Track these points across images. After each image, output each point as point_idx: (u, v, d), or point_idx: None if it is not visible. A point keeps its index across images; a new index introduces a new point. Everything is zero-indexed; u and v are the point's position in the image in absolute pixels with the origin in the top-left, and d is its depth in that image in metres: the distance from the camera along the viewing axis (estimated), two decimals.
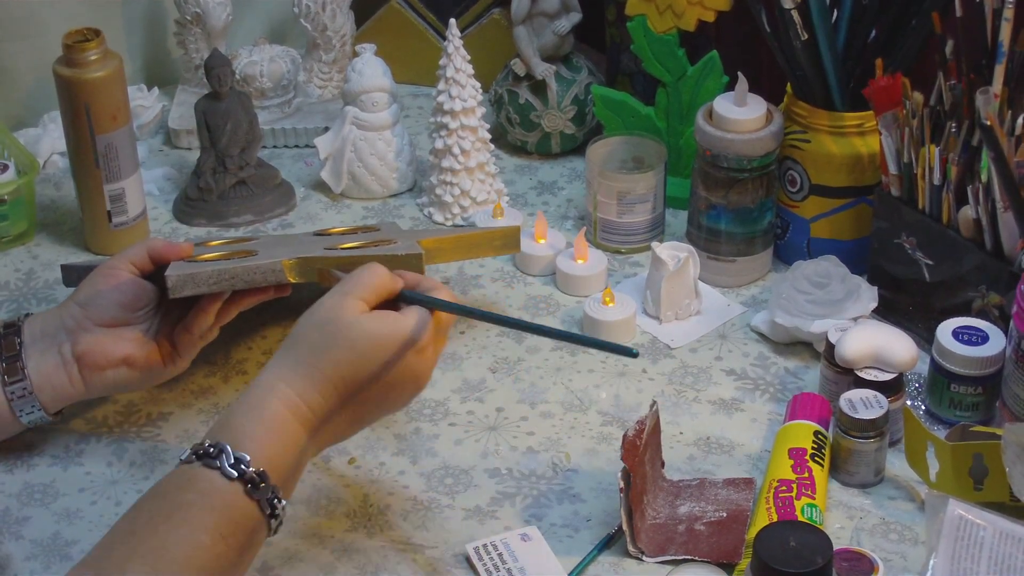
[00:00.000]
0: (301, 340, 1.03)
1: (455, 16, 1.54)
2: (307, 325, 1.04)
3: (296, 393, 1.01)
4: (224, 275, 1.17)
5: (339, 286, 1.05)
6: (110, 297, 1.18)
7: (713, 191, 1.35)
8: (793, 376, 1.28)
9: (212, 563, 0.94)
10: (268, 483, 0.98)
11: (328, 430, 1.04)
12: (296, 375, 1.02)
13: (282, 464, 0.99)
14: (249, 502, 0.97)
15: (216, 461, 0.97)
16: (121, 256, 1.21)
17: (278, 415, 1.00)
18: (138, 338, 1.18)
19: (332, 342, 1.02)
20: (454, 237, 1.29)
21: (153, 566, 0.92)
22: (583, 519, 1.14)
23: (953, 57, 1.21)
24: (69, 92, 1.36)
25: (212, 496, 0.96)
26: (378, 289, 1.05)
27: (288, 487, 1.01)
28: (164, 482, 0.98)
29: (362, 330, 1.02)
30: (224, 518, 0.96)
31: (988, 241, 1.21)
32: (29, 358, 1.16)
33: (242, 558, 0.97)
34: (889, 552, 1.10)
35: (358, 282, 1.05)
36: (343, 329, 1.02)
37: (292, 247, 1.25)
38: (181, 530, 0.94)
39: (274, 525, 0.99)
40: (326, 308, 1.04)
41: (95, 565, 0.93)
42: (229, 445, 0.98)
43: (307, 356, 1.02)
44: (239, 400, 1.02)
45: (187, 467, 0.98)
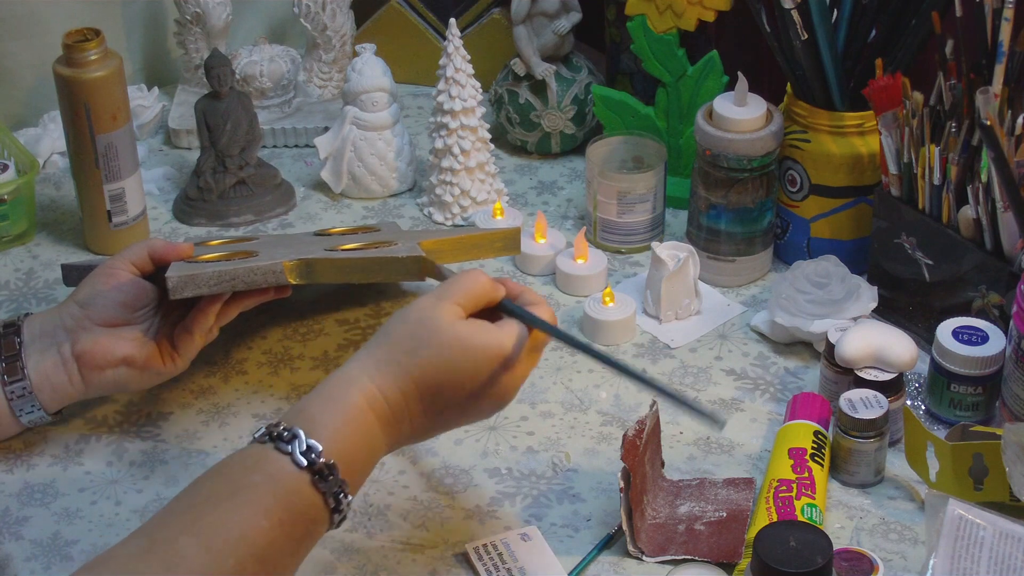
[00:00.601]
0: (391, 337, 1.01)
1: (455, 16, 1.54)
2: (400, 322, 1.01)
3: (378, 389, 0.99)
4: (224, 276, 1.17)
5: (437, 288, 1.03)
6: (110, 297, 1.18)
7: (713, 191, 1.35)
8: (793, 376, 1.28)
9: (266, 549, 0.92)
10: (336, 476, 0.96)
11: (405, 431, 1.02)
12: (380, 371, 1.00)
13: (353, 458, 0.97)
14: (315, 493, 0.95)
15: (288, 446, 0.95)
16: (121, 256, 1.20)
17: (356, 407, 0.98)
18: (138, 338, 1.18)
19: (422, 344, 1.00)
20: (454, 239, 1.29)
21: (207, 543, 0.90)
22: (583, 519, 1.14)
23: (953, 57, 1.21)
24: (69, 92, 1.36)
25: (278, 481, 0.94)
26: (477, 296, 1.03)
27: (356, 482, 0.98)
28: (232, 458, 0.96)
29: (456, 337, 1.00)
30: (286, 505, 0.94)
31: (988, 241, 1.21)
32: (29, 357, 1.16)
33: (298, 549, 0.95)
34: (889, 552, 1.10)
35: (458, 286, 1.02)
36: (437, 333, 1.00)
37: (292, 247, 1.25)
38: (241, 511, 0.92)
39: (337, 520, 0.97)
40: (420, 308, 1.01)
41: (150, 534, 0.92)
42: (303, 431, 0.95)
43: (395, 353, 1.00)
44: (319, 387, 1.00)
45: (258, 447, 0.96)
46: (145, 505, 1.16)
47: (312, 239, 1.31)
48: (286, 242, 1.31)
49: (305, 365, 1.30)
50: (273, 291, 1.24)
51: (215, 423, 1.24)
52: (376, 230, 1.34)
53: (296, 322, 1.35)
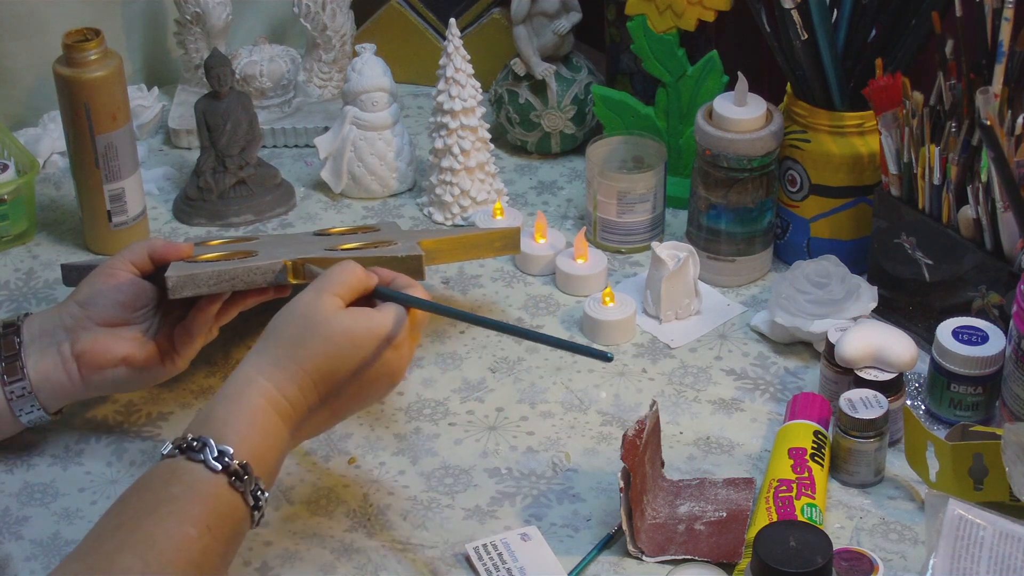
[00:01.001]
0: (279, 335, 1.05)
1: (455, 16, 1.54)
2: (284, 320, 1.05)
3: (275, 387, 1.02)
4: (224, 276, 1.17)
5: (315, 283, 1.06)
6: (110, 296, 1.18)
7: (713, 191, 1.35)
8: (793, 376, 1.28)
9: (199, 555, 0.95)
10: (251, 475, 0.99)
11: (307, 423, 1.05)
12: (274, 369, 1.03)
13: (264, 456, 1.01)
14: (233, 494, 0.98)
15: (200, 455, 0.98)
16: (121, 256, 1.21)
17: (258, 408, 1.01)
18: (137, 338, 1.18)
19: (310, 337, 1.03)
20: (454, 238, 1.29)
21: (143, 559, 0.92)
22: (583, 519, 1.14)
23: (953, 57, 1.21)
24: (69, 92, 1.36)
25: (197, 488, 0.97)
26: (353, 286, 1.07)
27: (270, 479, 1.02)
28: (148, 476, 0.99)
29: (339, 326, 1.04)
30: (210, 510, 0.97)
31: (988, 241, 1.21)
32: (28, 357, 1.16)
33: (227, 549, 0.98)
34: (889, 552, 1.10)
35: (333, 279, 1.06)
36: (320, 325, 1.03)
37: (292, 247, 1.25)
38: (168, 522, 0.95)
39: (257, 517, 1.00)
40: (302, 304, 1.05)
41: (84, 559, 0.94)
42: (212, 438, 0.99)
43: (285, 351, 1.04)
44: (218, 393, 1.03)
45: (170, 461, 0.99)
46: None
47: (312, 239, 1.31)
48: (286, 242, 1.31)
49: None
50: (273, 291, 1.24)
51: None
52: (376, 230, 1.34)
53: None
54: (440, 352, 1.31)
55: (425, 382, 1.28)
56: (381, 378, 1.06)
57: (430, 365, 1.29)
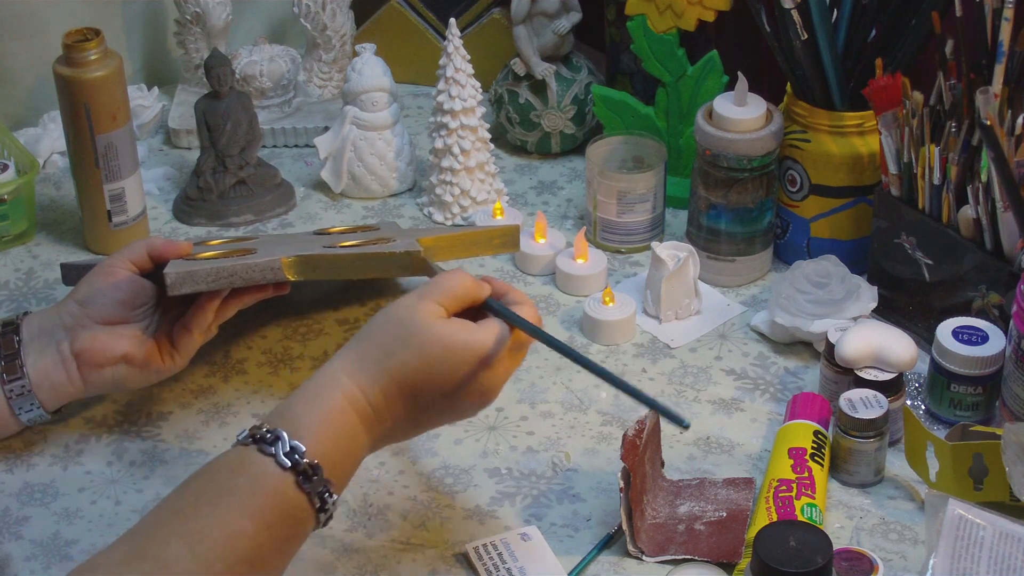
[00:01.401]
0: (372, 337, 1.01)
1: (455, 16, 1.54)
2: (380, 322, 1.02)
3: (359, 388, 1.00)
4: (222, 273, 1.17)
5: (420, 288, 1.03)
6: (109, 295, 1.18)
7: (713, 191, 1.35)
8: (793, 376, 1.28)
9: (253, 551, 0.93)
10: (321, 476, 0.96)
11: (387, 431, 1.02)
12: (361, 371, 1.00)
13: (337, 458, 0.98)
14: (299, 493, 0.95)
15: (271, 448, 0.95)
16: (120, 254, 1.20)
17: (338, 408, 0.99)
18: (137, 336, 1.18)
19: (403, 345, 1.00)
20: (453, 235, 1.29)
21: (194, 547, 0.91)
22: (583, 519, 1.14)
23: (953, 57, 1.21)
24: (69, 92, 1.36)
25: (262, 483, 0.94)
26: (459, 295, 1.03)
27: (341, 482, 0.99)
28: (216, 462, 0.97)
29: (435, 337, 1.00)
30: (271, 507, 0.94)
31: (988, 241, 1.21)
32: (28, 356, 1.16)
33: (284, 549, 0.96)
34: (889, 552, 1.10)
35: (440, 286, 1.03)
36: (416, 333, 1.00)
37: (291, 246, 1.25)
38: (227, 514, 0.92)
39: (323, 519, 0.97)
40: (402, 307, 1.01)
41: (136, 540, 0.92)
42: (286, 433, 0.96)
43: (375, 354, 1.00)
44: (301, 388, 1.00)
45: (242, 449, 0.96)
46: (145, 505, 1.16)
47: (311, 238, 1.31)
48: (285, 241, 1.31)
49: (305, 365, 1.30)
50: (272, 289, 1.24)
51: (215, 423, 1.24)
52: (375, 228, 1.34)
53: (296, 322, 1.35)
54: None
55: None
56: (472, 396, 1.02)
57: None
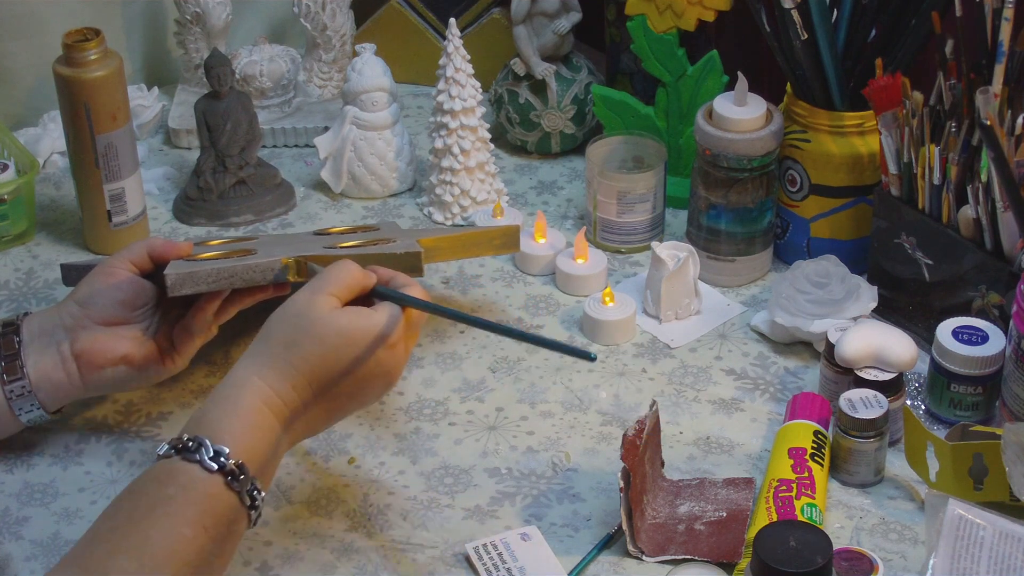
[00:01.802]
0: (273, 335, 1.05)
1: (455, 16, 1.54)
2: (279, 320, 1.05)
3: (269, 387, 1.02)
4: (223, 273, 1.17)
5: (311, 282, 1.06)
6: (109, 295, 1.18)
7: (713, 191, 1.35)
8: (793, 376, 1.28)
9: (195, 556, 0.95)
10: (247, 475, 0.99)
11: (302, 423, 1.05)
12: (269, 369, 1.03)
13: (259, 456, 1.00)
14: (230, 494, 0.98)
15: (196, 455, 0.98)
16: (120, 255, 1.21)
17: (253, 408, 1.01)
18: (137, 336, 1.18)
19: (304, 337, 1.03)
20: (453, 236, 1.29)
21: (138, 560, 0.92)
22: (583, 519, 1.14)
23: (953, 57, 1.21)
24: (69, 92, 1.36)
25: (193, 489, 0.97)
26: (349, 285, 1.06)
27: (265, 479, 1.01)
28: (142, 478, 0.99)
29: (333, 326, 1.03)
30: (206, 510, 0.96)
31: (988, 241, 1.21)
32: (28, 356, 1.16)
33: (223, 550, 0.98)
34: (889, 552, 1.10)
35: (329, 278, 1.06)
36: (315, 324, 1.03)
37: (291, 246, 1.25)
38: (163, 524, 0.94)
39: (254, 516, 1.00)
40: (298, 303, 1.05)
41: (79, 562, 0.94)
42: (208, 439, 0.98)
43: (279, 351, 1.03)
44: (213, 395, 1.03)
45: (166, 462, 0.99)
46: None
47: (311, 238, 1.31)
48: (285, 241, 1.31)
49: None
50: (272, 289, 1.24)
51: None
52: (376, 229, 1.34)
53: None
54: (440, 352, 1.31)
55: (425, 382, 1.28)
56: (376, 377, 1.05)
57: (430, 365, 1.30)
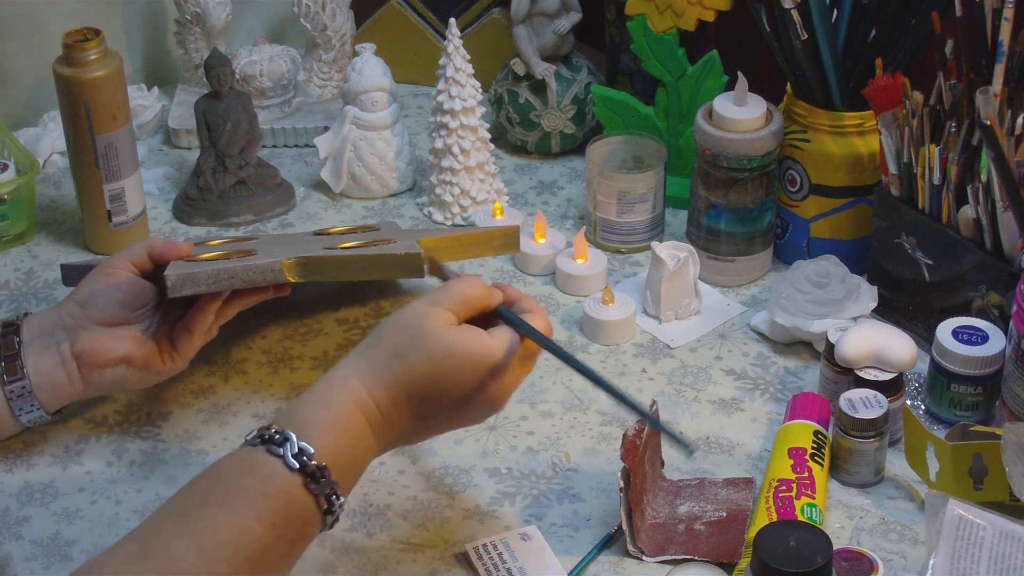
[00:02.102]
0: (382, 341, 1.01)
1: (455, 16, 1.54)
2: (391, 327, 1.01)
3: (368, 393, 0.99)
4: (223, 274, 1.17)
5: (431, 293, 1.03)
6: (109, 296, 1.18)
7: (713, 191, 1.35)
8: (793, 376, 1.28)
9: (259, 552, 0.93)
10: (328, 478, 0.96)
11: (394, 435, 1.02)
12: (371, 375, 1.00)
13: (345, 460, 0.98)
14: (306, 495, 0.95)
15: (280, 448, 0.95)
16: (120, 255, 1.21)
17: (347, 411, 0.98)
18: (137, 337, 1.18)
19: (412, 350, 1.00)
20: (453, 236, 1.29)
21: (199, 547, 0.91)
22: (583, 519, 1.14)
23: (953, 57, 1.21)
24: (69, 92, 1.36)
25: (270, 484, 0.94)
26: (471, 302, 1.03)
27: (348, 484, 0.98)
28: (223, 463, 0.97)
29: (446, 344, 1.00)
30: (279, 508, 0.94)
31: (988, 241, 1.21)
32: (28, 357, 1.16)
33: (291, 551, 0.96)
34: (889, 552, 1.10)
35: (451, 292, 1.02)
36: (426, 339, 1.00)
37: (291, 246, 1.25)
38: (234, 515, 0.92)
39: (329, 521, 0.97)
40: (413, 313, 1.01)
41: (142, 539, 0.92)
42: (295, 434, 0.96)
43: (385, 358, 1.00)
44: (311, 389, 1.00)
45: (250, 450, 0.96)
46: (145, 505, 1.16)
47: (311, 238, 1.31)
48: (286, 241, 1.31)
49: (305, 365, 1.30)
50: (272, 290, 1.24)
51: (215, 423, 1.24)
52: (376, 229, 1.34)
53: (296, 322, 1.35)
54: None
55: None
56: (481, 405, 1.02)
57: None
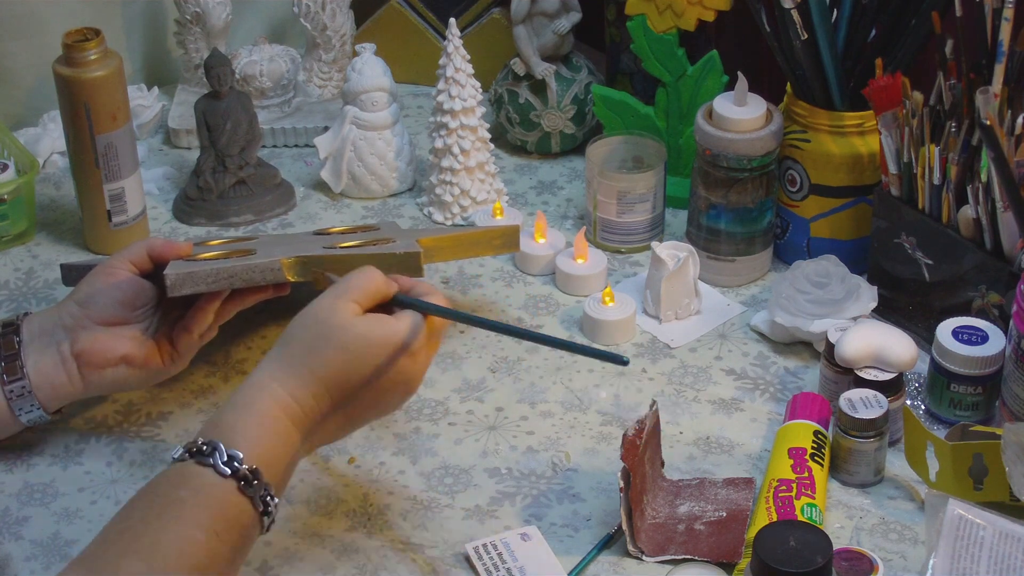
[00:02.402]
0: (294, 340, 1.04)
1: (455, 16, 1.54)
2: (300, 326, 1.04)
3: (288, 392, 1.02)
4: (223, 274, 1.17)
5: (332, 288, 1.05)
6: (109, 295, 1.18)
7: (713, 191, 1.35)
8: (793, 376, 1.28)
9: (206, 560, 0.94)
10: (261, 480, 0.98)
11: (320, 430, 1.04)
12: (288, 375, 1.02)
13: (274, 462, 1.00)
14: (242, 499, 0.97)
15: (209, 459, 0.97)
16: (120, 255, 1.21)
17: (270, 414, 1.01)
18: (137, 337, 1.18)
19: (325, 344, 1.02)
20: (453, 236, 1.29)
21: (148, 563, 0.92)
22: (583, 519, 1.14)
23: (953, 56, 1.21)
24: (69, 92, 1.36)
25: (206, 493, 0.97)
26: (372, 292, 1.05)
27: (280, 485, 1.01)
28: (157, 480, 0.99)
29: (355, 333, 1.03)
30: (218, 515, 0.96)
31: (988, 241, 1.21)
32: (28, 356, 1.16)
33: (235, 555, 0.98)
34: (889, 552, 1.10)
35: (352, 285, 1.05)
36: (336, 331, 1.03)
37: (291, 246, 1.25)
38: (175, 527, 0.94)
39: (267, 523, 1.00)
40: (320, 309, 1.04)
41: (89, 563, 0.93)
42: (222, 443, 0.98)
43: (300, 356, 1.03)
44: (231, 398, 1.02)
45: (180, 465, 0.98)
46: None
47: (311, 238, 1.31)
48: (285, 241, 1.31)
49: None
50: (272, 289, 1.24)
51: None
52: (375, 228, 1.34)
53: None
54: (440, 352, 1.31)
55: (425, 382, 1.28)
56: (397, 386, 1.05)
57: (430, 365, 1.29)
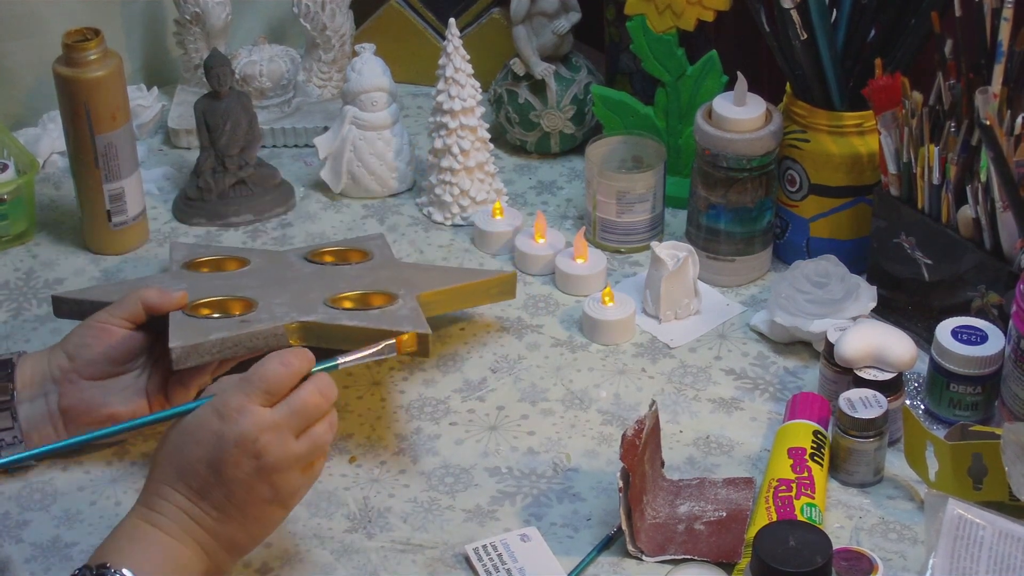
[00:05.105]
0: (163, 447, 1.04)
1: (454, 16, 1.54)
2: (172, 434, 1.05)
3: (146, 506, 1.01)
4: (227, 343, 1.17)
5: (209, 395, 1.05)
6: (100, 352, 1.17)
7: (712, 191, 1.36)
8: (792, 376, 1.28)
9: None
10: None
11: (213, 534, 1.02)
12: (154, 483, 1.02)
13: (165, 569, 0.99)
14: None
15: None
16: (113, 311, 1.19)
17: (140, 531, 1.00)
18: (128, 389, 1.18)
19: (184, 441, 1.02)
20: (451, 289, 1.28)
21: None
22: (583, 519, 1.14)
23: (952, 57, 1.21)
24: (69, 92, 1.36)
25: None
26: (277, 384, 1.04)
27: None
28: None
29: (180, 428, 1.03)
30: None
31: (987, 241, 1.21)
32: (20, 405, 1.16)
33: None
34: (888, 551, 1.10)
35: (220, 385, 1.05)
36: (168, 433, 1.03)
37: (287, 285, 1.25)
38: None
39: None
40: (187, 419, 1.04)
41: None
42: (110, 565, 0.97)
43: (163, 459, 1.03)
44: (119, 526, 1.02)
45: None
46: None
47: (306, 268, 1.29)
48: (279, 267, 1.30)
49: None
50: None
51: None
52: (367, 255, 1.33)
53: None
54: (441, 352, 1.31)
55: (426, 382, 1.28)
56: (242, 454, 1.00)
57: (431, 365, 1.30)
